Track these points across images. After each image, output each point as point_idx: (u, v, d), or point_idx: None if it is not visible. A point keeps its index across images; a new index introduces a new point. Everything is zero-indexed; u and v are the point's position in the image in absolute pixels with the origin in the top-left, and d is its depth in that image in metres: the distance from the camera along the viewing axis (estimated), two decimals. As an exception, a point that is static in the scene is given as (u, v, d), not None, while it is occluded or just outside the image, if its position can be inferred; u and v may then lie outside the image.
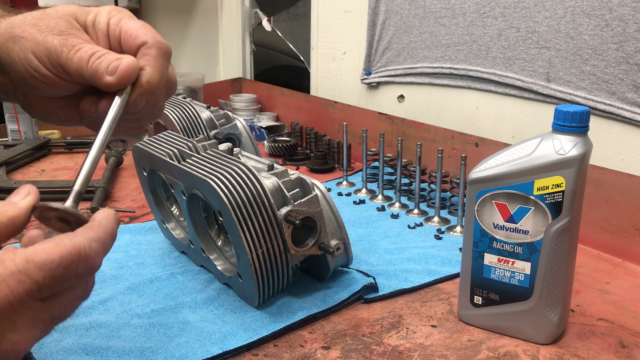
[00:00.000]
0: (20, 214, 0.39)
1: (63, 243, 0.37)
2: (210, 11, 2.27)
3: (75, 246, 0.37)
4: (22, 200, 0.40)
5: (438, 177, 1.06)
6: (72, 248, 0.37)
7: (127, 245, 0.95)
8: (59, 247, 0.37)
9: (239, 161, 0.75)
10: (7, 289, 0.35)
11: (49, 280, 0.36)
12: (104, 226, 0.40)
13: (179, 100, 1.19)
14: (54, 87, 0.50)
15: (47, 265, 0.36)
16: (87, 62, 0.48)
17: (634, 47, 0.97)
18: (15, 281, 0.35)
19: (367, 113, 1.42)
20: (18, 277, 0.35)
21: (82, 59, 0.48)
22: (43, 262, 0.36)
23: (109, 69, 0.47)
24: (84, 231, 0.39)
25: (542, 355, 0.68)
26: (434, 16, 1.30)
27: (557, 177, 0.64)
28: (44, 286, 0.36)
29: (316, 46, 1.73)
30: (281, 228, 0.72)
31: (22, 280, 0.35)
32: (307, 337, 0.71)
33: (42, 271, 0.36)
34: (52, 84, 0.49)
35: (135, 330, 0.71)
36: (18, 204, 0.39)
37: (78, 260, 0.37)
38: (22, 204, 0.40)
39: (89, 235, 0.39)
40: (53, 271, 0.36)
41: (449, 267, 0.88)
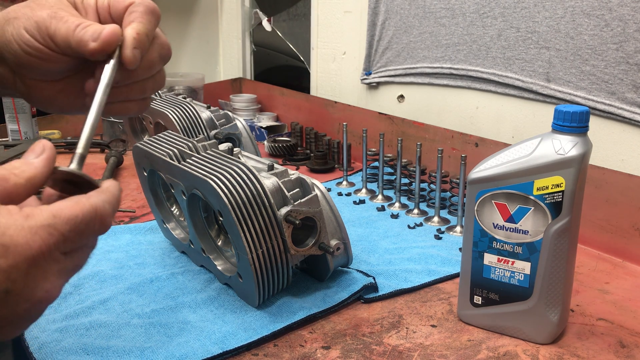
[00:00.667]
0: (37, 173, 0.40)
1: (82, 202, 0.40)
2: (210, 11, 2.27)
3: (92, 205, 0.40)
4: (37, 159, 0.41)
5: (438, 177, 1.06)
6: (90, 207, 0.40)
7: (127, 245, 0.95)
8: (80, 205, 0.39)
9: (239, 161, 0.75)
10: (40, 240, 0.37)
11: (73, 234, 0.39)
12: (112, 192, 0.43)
13: (179, 100, 1.19)
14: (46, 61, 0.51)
15: (72, 220, 0.38)
16: (73, 32, 0.49)
17: (634, 47, 0.97)
18: (46, 233, 0.37)
19: (367, 113, 1.42)
20: (48, 230, 0.37)
21: (69, 29, 0.49)
22: (68, 217, 0.38)
23: (93, 35, 0.49)
24: (98, 194, 0.42)
25: (541, 355, 0.68)
26: (434, 16, 1.30)
27: (557, 177, 0.64)
28: (69, 239, 0.39)
29: (316, 46, 1.73)
30: (281, 228, 0.72)
31: (52, 232, 0.37)
32: (307, 337, 0.71)
33: (68, 225, 0.38)
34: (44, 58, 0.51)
35: (135, 330, 0.71)
36: (34, 163, 0.41)
37: (95, 218, 0.40)
38: (37, 163, 0.41)
39: (102, 198, 0.41)
40: (77, 226, 0.39)
41: (448, 267, 0.88)
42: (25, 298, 0.37)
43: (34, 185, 0.40)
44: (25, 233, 0.36)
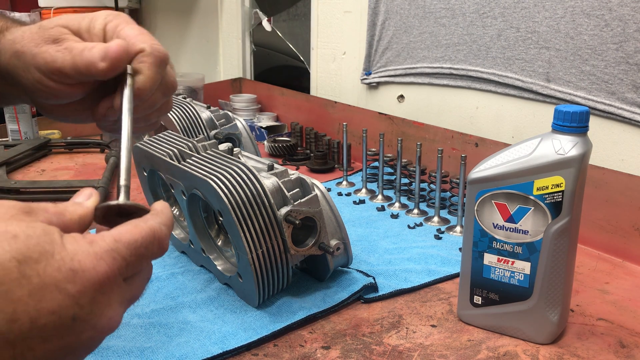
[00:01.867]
0: (87, 213, 0.42)
1: (140, 225, 0.40)
2: (210, 11, 2.27)
3: (151, 228, 0.41)
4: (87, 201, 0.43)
5: (438, 177, 1.06)
6: (149, 229, 0.40)
7: (127, 245, 0.95)
8: (139, 229, 0.40)
9: (239, 161, 0.75)
10: (105, 264, 0.37)
11: (134, 258, 0.39)
12: (166, 214, 0.44)
13: (179, 100, 1.19)
14: (60, 96, 0.52)
15: (132, 244, 0.39)
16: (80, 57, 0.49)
17: (634, 47, 0.97)
18: (110, 258, 0.37)
19: (367, 113, 1.42)
20: (112, 254, 0.37)
21: (75, 55, 0.49)
22: (129, 241, 0.39)
23: (100, 54, 0.49)
24: (153, 217, 0.42)
25: (541, 355, 0.68)
26: (434, 16, 1.30)
27: (557, 177, 0.64)
28: (130, 264, 0.39)
29: (316, 46, 1.73)
30: (281, 228, 0.72)
31: (115, 257, 0.38)
32: (307, 337, 0.71)
33: (129, 250, 0.39)
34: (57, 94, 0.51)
35: (135, 330, 0.71)
36: (84, 204, 0.42)
37: (154, 240, 0.41)
38: (87, 204, 0.42)
39: (158, 220, 0.42)
40: (137, 250, 0.39)
41: (448, 267, 0.88)
42: (90, 325, 0.37)
43: (85, 223, 0.41)
44: (92, 258, 0.37)
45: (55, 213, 0.39)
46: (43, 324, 0.34)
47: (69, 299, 0.35)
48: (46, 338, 0.34)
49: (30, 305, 0.33)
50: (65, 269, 0.35)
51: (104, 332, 0.38)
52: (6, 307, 0.32)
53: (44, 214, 0.38)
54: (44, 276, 0.34)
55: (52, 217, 0.39)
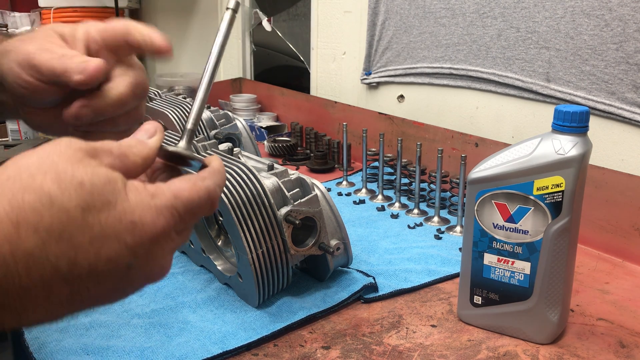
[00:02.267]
0: (151, 153, 0.42)
1: (198, 185, 0.41)
2: (210, 11, 2.27)
3: (207, 189, 0.42)
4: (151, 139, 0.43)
5: (438, 177, 1.06)
6: (205, 190, 0.41)
7: (127, 245, 0.95)
8: (196, 188, 0.41)
9: (239, 161, 0.75)
10: (164, 220, 0.39)
11: (188, 216, 0.40)
12: (222, 173, 0.44)
13: (179, 100, 1.19)
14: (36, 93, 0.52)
15: (190, 203, 0.40)
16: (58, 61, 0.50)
17: (634, 47, 0.97)
18: (169, 214, 0.39)
19: (367, 113, 1.42)
20: (170, 210, 0.39)
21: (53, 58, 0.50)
22: (187, 200, 0.40)
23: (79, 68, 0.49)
24: (211, 176, 0.43)
25: (541, 355, 0.68)
26: (434, 16, 1.30)
27: (557, 177, 0.64)
28: (184, 220, 0.40)
29: (316, 46, 1.73)
30: (281, 228, 0.72)
31: (173, 214, 0.39)
32: (307, 337, 0.71)
33: (185, 207, 0.40)
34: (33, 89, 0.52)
35: (135, 330, 0.71)
36: (148, 143, 0.43)
37: (207, 201, 0.42)
38: (151, 143, 0.43)
39: (214, 180, 0.43)
40: (192, 209, 0.40)
41: (448, 267, 0.88)
42: (144, 273, 0.39)
43: (147, 164, 0.42)
44: (152, 212, 0.38)
45: (119, 156, 0.40)
46: (100, 270, 0.36)
47: (127, 249, 0.37)
48: (101, 282, 0.37)
49: (90, 252, 0.35)
50: (126, 220, 0.37)
51: (155, 279, 0.41)
52: (69, 251, 0.34)
53: (108, 157, 0.39)
54: (105, 226, 0.36)
55: (115, 161, 0.39)
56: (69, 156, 0.36)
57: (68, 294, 0.36)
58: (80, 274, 0.35)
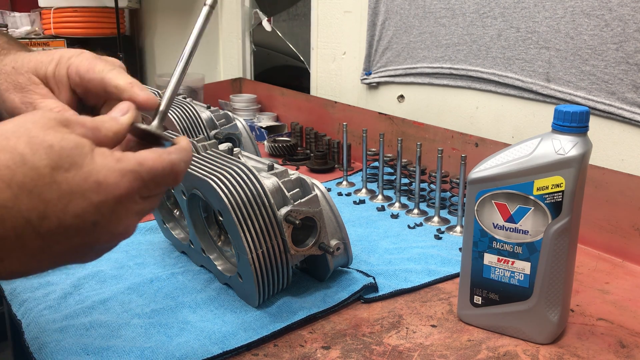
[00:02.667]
0: (122, 129, 0.46)
1: (163, 157, 0.45)
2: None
3: (171, 161, 0.45)
4: (123, 117, 0.47)
5: (438, 177, 1.06)
6: (169, 162, 0.45)
7: (127, 245, 0.95)
8: (161, 159, 0.44)
9: (239, 161, 0.75)
10: (127, 182, 0.42)
11: (152, 183, 0.44)
12: (187, 150, 0.48)
13: (179, 100, 1.19)
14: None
15: (153, 171, 0.43)
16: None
17: (634, 47, 0.97)
18: (132, 177, 0.42)
19: (367, 113, 1.42)
20: (134, 174, 0.42)
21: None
22: (150, 167, 0.43)
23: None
24: (177, 151, 0.46)
25: (541, 355, 0.68)
26: (434, 16, 1.30)
27: (557, 177, 0.64)
28: (148, 187, 0.43)
29: (316, 46, 1.73)
30: (281, 228, 0.72)
31: (137, 177, 0.42)
32: (307, 337, 0.71)
33: (149, 175, 0.43)
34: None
35: (135, 330, 0.71)
36: (120, 120, 0.46)
37: (171, 173, 0.45)
38: (123, 120, 0.46)
39: (180, 156, 0.46)
40: (156, 177, 0.44)
41: (448, 267, 0.88)
42: (108, 230, 0.42)
43: (118, 139, 0.46)
44: (116, 175, 0.41)
45: (92, 128, 0.43)
46: (68, 224, 0.39)
47: (92, 207, 0.40)
48: (70, 236, 0.40)
49: (59, 207, 0.39)
50: (91, 180, 0.40)
51: (121, 237, 0.44)
52: (39, 206, 0.38)
53: (80, 128, 0.42)
54: (72, 184, 0.39)
55: (87, 132, 0.42)
56: (43, 124, 0.40)
57: (40, 246, 0.39)
58: (50, 227, 0.38)
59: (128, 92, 0.51)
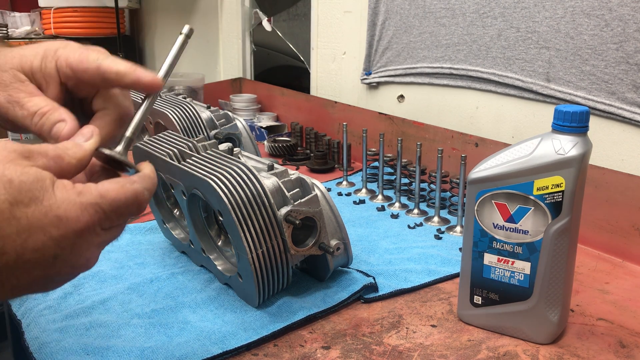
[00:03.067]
0: (85, 155, 0.45)
1: (126, 187, 0.44)
2: (210, 11, 2.27)
3: (135, 191, 0.45)
4: (87, 142, 0.46)
5: (438, 177, 1.06)
6: (132, 192, 0.44)
7: (127, 245, 0.95)
8: (124, 190, 0.44)
9: (239, 161, 0.75)
10: (87, 215, 0.41)
11: (114, 214, 0.43)
12: (152, 178, 0.47)
13: (179, 100, 1.19)
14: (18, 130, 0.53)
15: (115, 203, 0.43)
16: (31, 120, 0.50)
17: (634, 47, 0.97)
18: (93, 211, 0.42)
19: (367, 113, 1.42)
20: (95, 208, 0.42)
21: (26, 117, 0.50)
22: (112, 199, 0.43)
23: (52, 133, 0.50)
24: (140, 180, 0.46)
25: (541, 355, 0.68)
26: (434, 16, 1.30)
27: (557, 177, 0.64)
28: (109, 218, 0.43)
29: (316, 46, 1.73)
30: (281, 228, 0.72)
31: (97, 210, 0.42)
32: (307, 337, 0.71)
33: (111, 207, 0.43)
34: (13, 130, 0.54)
35: (135, 330, 0.71)
36: (84, 146, 0.45)
37: (135, 202, 0.45)
38: (87, 146, 0.46)
39: (143, 184, 0.46)
40: (118, 208, 0.43)
41: (448, 267, 0.88)
42: (69, 263, 0.42)
43: (82, 165, 0.45)
44: (77, 208, 0.41)
45: (54, 157, 0.43)
46: (27, 259, 0.39)
47: (52, 241, 0.40)
48: (29, 270, 0.40)
49: (17, 242, 0.38)
50: (51, 215, 0.40)
51: (82, 268, 0.44)
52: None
53: (42, 159, 0.42)
54: (32, 219, 0.39)
55: (49, 162, 0.42)
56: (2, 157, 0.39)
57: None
58: (8, 262, 0.38)
59: (131, 76, 0.50)
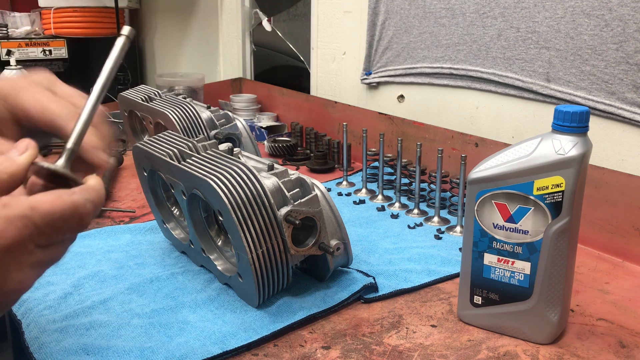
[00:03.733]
0: (19, 170, 0.40)
1: (63, 198, 0.39)
2: (210, 11, 2.27)
3: (74, 202, 0.40)
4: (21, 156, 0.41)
5: (438, 177, 1.06)
6: (71, 204, 0.40)
7: (127, 245, 0.95)
8: (60, 201, 0.39)
9: (239, 161, 0.75)
10: (15, 230, 0.37)
11: (48, 229, 0.38)
12: (96, 190, 0.42)
13: (179, 100, 1.19)
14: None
15: (49, 215, 0.38)
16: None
17: (634, 47, 0.97)
18: (22, 224, 0.37)
19: (367, 113, 1.42)
20: (24, 221, 0.37)
21: None
22: (46, 212, 0.38)
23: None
24: (81, 191, 0.41)
25: (541, 355, 0.68)
26: (434, 16, 1.30)
27: (557, 177, 0.64)
28: (44, 234, 0.38)
29: (316, 46, 1.73)
30: (281, 228, 0.72)
31: (27, 224, 0.37)
32: (307, 337, 0.71)
33: (44, 220, 0.38)
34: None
35: (135, 330, 0.71)
36: (17, 160, 0.41)
37: (74, 215, 0.40)
38: (20, 160, 0.41)
39: (85, 196, 0.41)
40: (53, 222, 0.39)
41: (448, 267, 0.88)
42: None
43: (15, 181, 0.40)
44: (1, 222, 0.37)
45: None
46: None
47: None
48: None
49: None
50: None
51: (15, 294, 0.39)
52: None
53: None
54: None
55: None
56: None
57: None
58: None
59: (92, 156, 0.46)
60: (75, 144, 0.45)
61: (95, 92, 0.48)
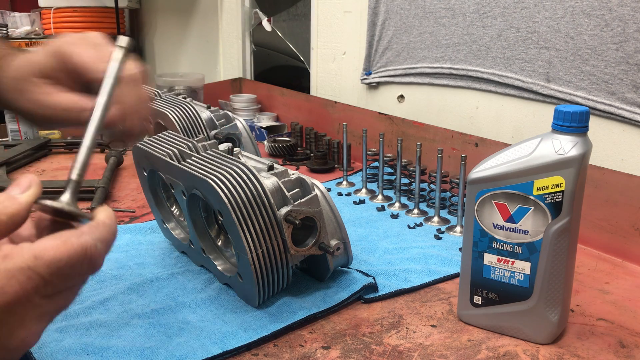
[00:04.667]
0: (20, 210, 0.37)
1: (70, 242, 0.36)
2: (210, 11, 2.27)
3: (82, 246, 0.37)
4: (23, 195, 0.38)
5: (438, 177, 1.06)
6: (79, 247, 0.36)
7: (127, 245, 0.95)
8: (67, 246, 0.36)
9: (239, 161, 0.75)
10: (16, 284, 0.34)
11: (55, 278, 0.35)
12: (108, 226, 0.40)
13: (179, 100, 1.19)
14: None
15: (55, 263, 0.35)
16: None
17: (634, 47, 0.97)
18: (25, 277, 0.34)
19: (367, 113, 1.42)
20: (27, 273, 0.34)
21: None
22: (51, 260, 0.35)
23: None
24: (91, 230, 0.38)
25: (541, 355, 0.68)
26: (434, 16, 1.30)
27: (557, 177, 0.64)
28: (50, 283, 0.35)
29: (316, 46, 1.73)
30: (281, 228, 0.72)
31: (31, 276, 0.34)
32: (307, 337, 0.71)
33: (50, 269, 0.35)
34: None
35: (135, 330, 0.71)
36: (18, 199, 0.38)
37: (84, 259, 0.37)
38: (22, 199, 0.38)
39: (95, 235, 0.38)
40: (60, 270, 0.36)
41: (448, 267, 0.88)
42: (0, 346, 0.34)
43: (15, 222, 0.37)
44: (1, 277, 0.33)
45: None
46: None
47: None
48: None
49: None
50: None
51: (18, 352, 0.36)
52: None
53: None
54: None
55: None
56: None
57: None
58: None
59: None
60: (79, 175, 0.43)
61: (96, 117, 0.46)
